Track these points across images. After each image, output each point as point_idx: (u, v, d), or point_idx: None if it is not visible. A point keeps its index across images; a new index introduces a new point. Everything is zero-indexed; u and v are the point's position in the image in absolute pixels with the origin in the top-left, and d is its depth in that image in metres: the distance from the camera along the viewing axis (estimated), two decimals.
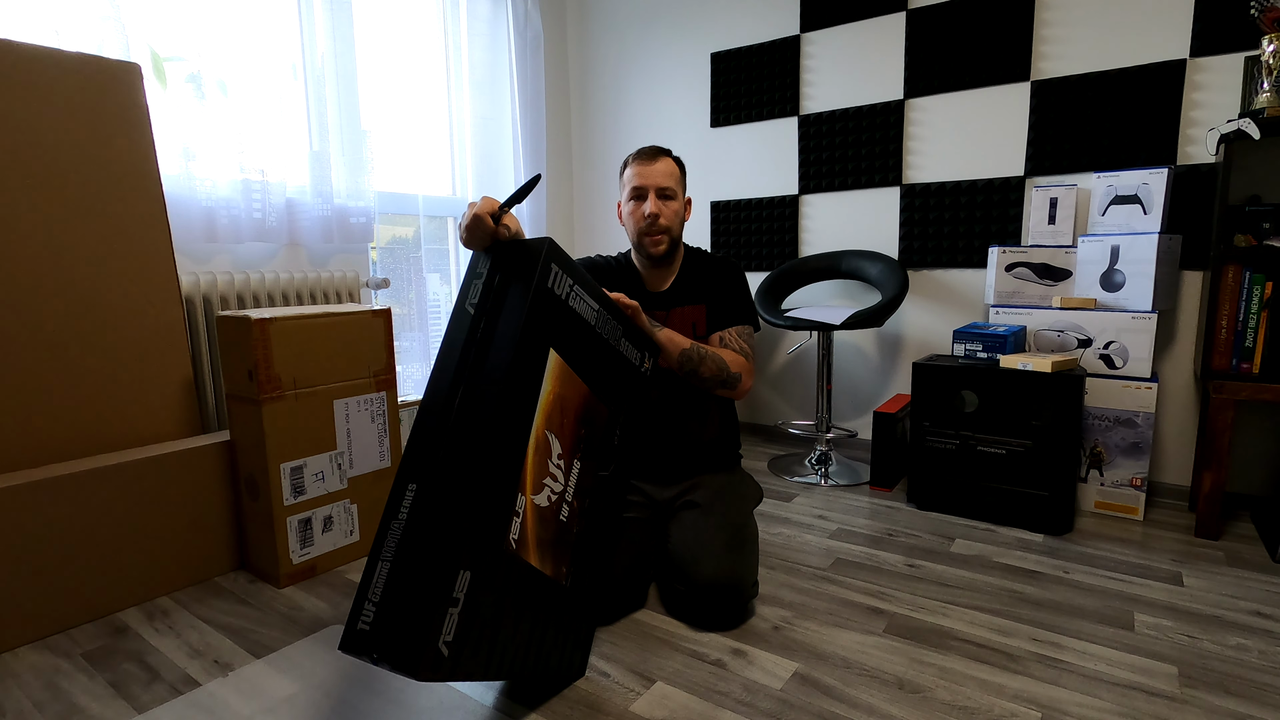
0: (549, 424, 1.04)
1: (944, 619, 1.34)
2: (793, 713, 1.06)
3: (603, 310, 1.15)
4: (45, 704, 1.12)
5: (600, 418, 1.15)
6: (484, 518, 0.88)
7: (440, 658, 0.82)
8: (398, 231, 2.58)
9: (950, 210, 2.26)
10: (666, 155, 1.51)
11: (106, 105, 1.53)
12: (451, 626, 0.84)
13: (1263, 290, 1.65)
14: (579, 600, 1.13)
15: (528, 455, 0.98)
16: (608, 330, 1.16)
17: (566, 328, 1.07)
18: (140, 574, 1.45)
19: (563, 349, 1.06)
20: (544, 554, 1.03)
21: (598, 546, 1.17)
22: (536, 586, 1.02)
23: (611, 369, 1.17)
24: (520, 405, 0.97)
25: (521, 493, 0.97)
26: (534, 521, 1.01)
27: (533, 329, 0.98)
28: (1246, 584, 1.48)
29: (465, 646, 0.87)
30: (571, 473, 1.09)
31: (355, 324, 1.62)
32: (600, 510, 1.16)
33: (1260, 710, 1.06)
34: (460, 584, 0.84)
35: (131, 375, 1.57)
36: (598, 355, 1.14)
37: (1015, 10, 2.08)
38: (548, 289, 1.01)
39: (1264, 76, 1.62)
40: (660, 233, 1.49)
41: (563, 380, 1.07)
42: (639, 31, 2.91)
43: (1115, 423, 1.85)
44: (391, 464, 1.72)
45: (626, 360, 1.21)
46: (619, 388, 1.19)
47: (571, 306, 1.07)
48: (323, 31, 2.13)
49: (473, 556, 0.86)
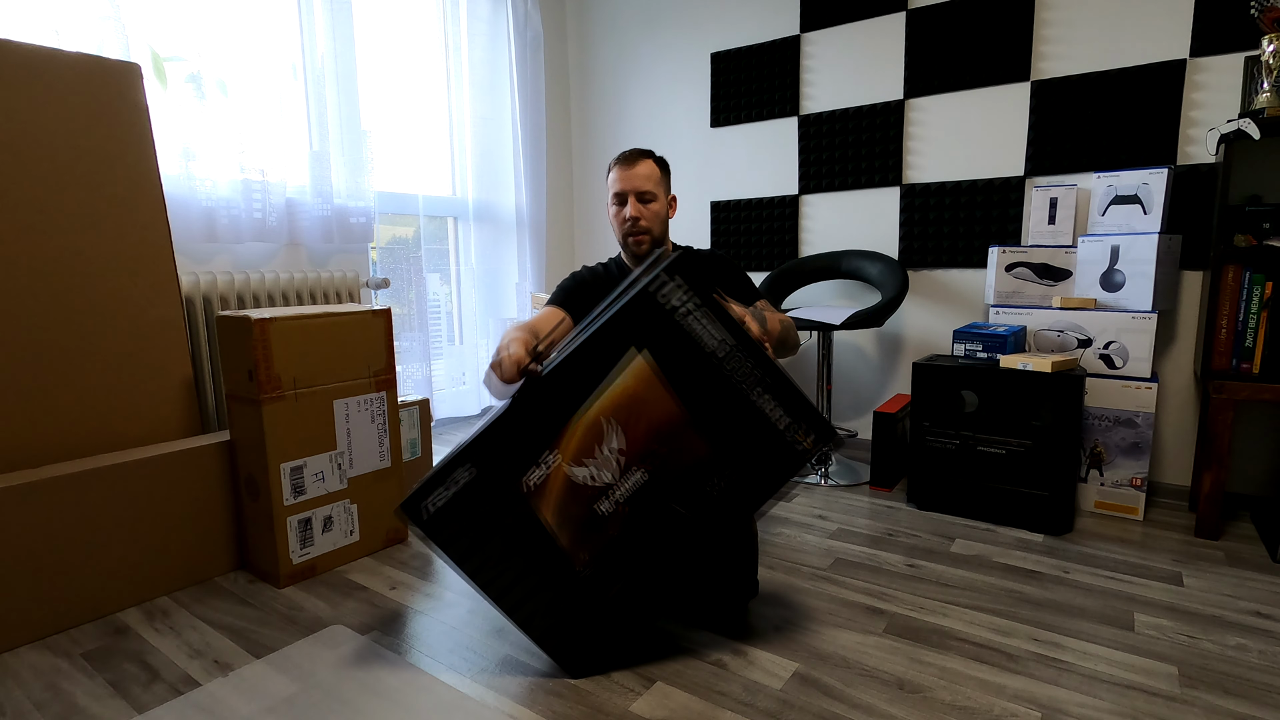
0: (614, 413, 1.08)
1: (944, 619, 1.34)
2: (793, 713, 1.06)
3: (737, 349, 1.09)
4: (45, 704, 1.12)
5: (691, 450, 1.11)
6: (500, 441, 1.09)
7: (423, 514, 1.09)
8: (398, 231, 2.58)
9: (950, 210, 2.26)
10: (647, 158, 1.54)
11: (106, 105, 1.53)
12: (440, 499, 1.09)
13: (1263, 290, 1.65)
14: (588, 596, 1.13)
15: (572, 424, 1.09)
16: (736, 369, 1.10)
17: (666, 339, 1.07)
18: (140, 574, 1.45)
19: (657, 357, 1.07)
20: (562, 523, 1.12)
21: (635, 570, 1.13)
22: (534, 536, 1.12)
23: (732, 413, 1.11)
24: (570, 373, 1.08)
25: (552, 450, 1.09)
26: (561, 487, 1.11)
27: (616, 320, 1.08)
28: (1246, 584, 1.48)
29: (449, 522, 1.10)
30: (629, 475, 1.10)
31: (355, 324, 1.62)
32: (653, 538, 1.13)
33: (1260, 710, 1.06)
34: (460, 474, 1.08)
35: (132, 375, 1.57)
36: (711, 388, 1.10)
37: (1015, 10, 2.08)
38: (651, 294, 1.06)
39: (1264, 76, 1.62)
40: (641, 233, 1.54)
41: (645, 385, 1.08)
42: (639, 31, 2.91)
43: (1115, 423, 1.85)
44: (391, 464, 1.72)
45: (762, 416, 1.11)
46: (738, 439, 1.12)
47: (681, 323, 1.07)
48: (323, 31, 2.13)
49: (477, 460, 1.09)
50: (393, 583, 1.54)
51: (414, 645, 1.28)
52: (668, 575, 1.14)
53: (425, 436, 2.04)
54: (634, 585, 1.14)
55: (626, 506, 1.11)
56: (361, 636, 1.30)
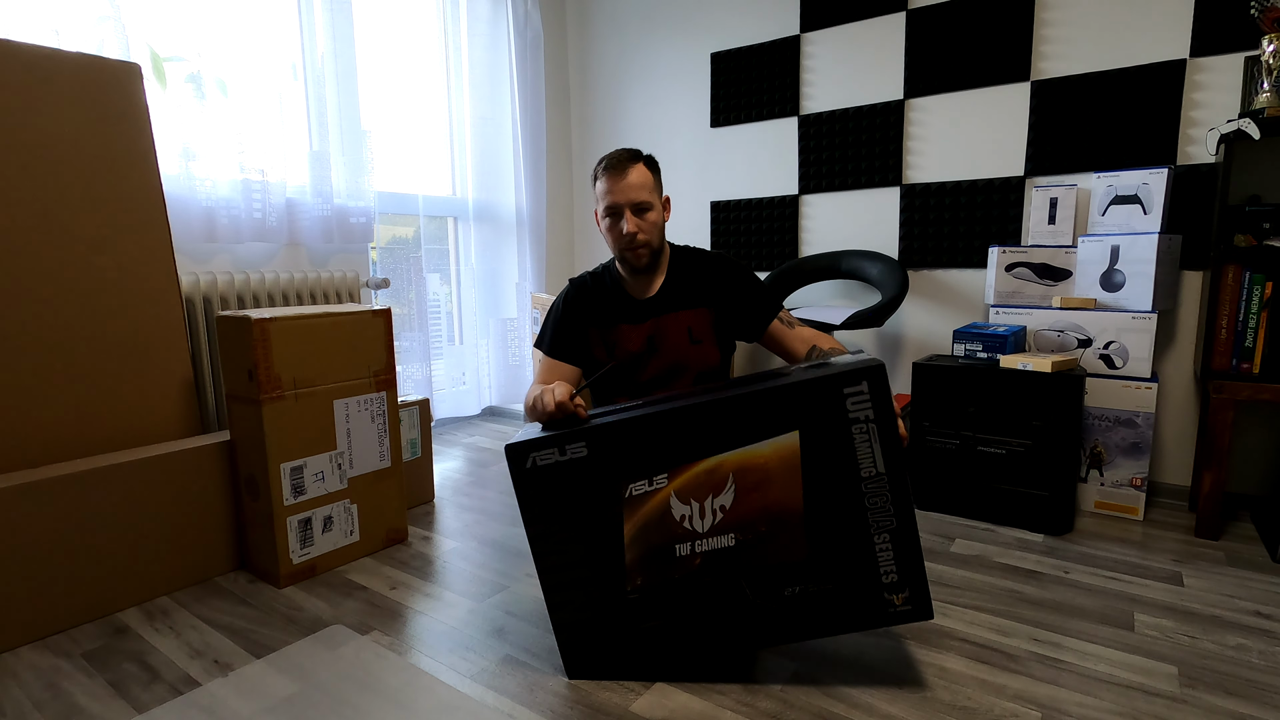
0: (739, 473, 1.06)
1: (944, 619, 1.34)
2: (793, 713, 1.06)
3: (886, 481, 1.04)
4: (45, 704, 1.12)
5: (789, 546, 1.07)
6: (626, 441, 1.08)
7: (527, 462, 1.10)
8: (398, 231, 2.58)
9: (950, 210, 2.26)
10: (637, 162, 1.40)
11: (106, 105, 1.53)
12: (546, 460, 1.09)
13: (1263, 290, 1.65)
14: (624, 617, 1.12)
15: (698, 463, 1.07)
16: (874, 501, 1.05)
17: (827, 438, 1.04)
18: (140, 574, 1.45)
19: (808, 448, 1.04)
20: (636, 542, 1.10)
21: (677, 618, 1.12)
22: (607, 538, 1.11)
23: (847, 539, 1.06)
24: (726, 417, 1.06)
25: (668, 475, 1.08)
26: (654, 511, 1.09)
27: (788, 391, 1.04)
28: (1246, 584, 1.48)
29: (542, 483, 1.10)
30: (719, 535, 1.08)
31: (355, 324, 1.62)
32: (708, 600, 1.10)
33: (1260, 710, 1.06)
34: (576, 448, 1.09)
35: (131, 375, 1.57)
36: (841, 505, 1.05)
37: (1015, 10, 2.08)
38: (839, 390, 1.02)
39: (1264, 76, 1.62)
40: (641, 247, 1.41)
41: (783, 464, 1.05)
42: (639, 31, 2.91)
43: (1115, 423, 1.85)
44: (391, 464, 1.72)
45: (874, 560, 1.06)
46: (839, 566, 1.07)
47: (849, 432, 1.03)
48: (323, 31, 2.13)
49: (596, 445, 1.09)
50: (393, 583, 1.54)
51: (414, 645, 1.28)
52: (703, 637, 1.12)
53: (425, 436, 2.04)
54: (669, 629, 1.13)
55: (700, 560, 1.09)
56: (361, 636, 1.30)
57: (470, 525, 1.87)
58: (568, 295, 1.52)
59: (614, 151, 1.42)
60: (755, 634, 1.11)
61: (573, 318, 1.49)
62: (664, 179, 2.90)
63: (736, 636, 1.11)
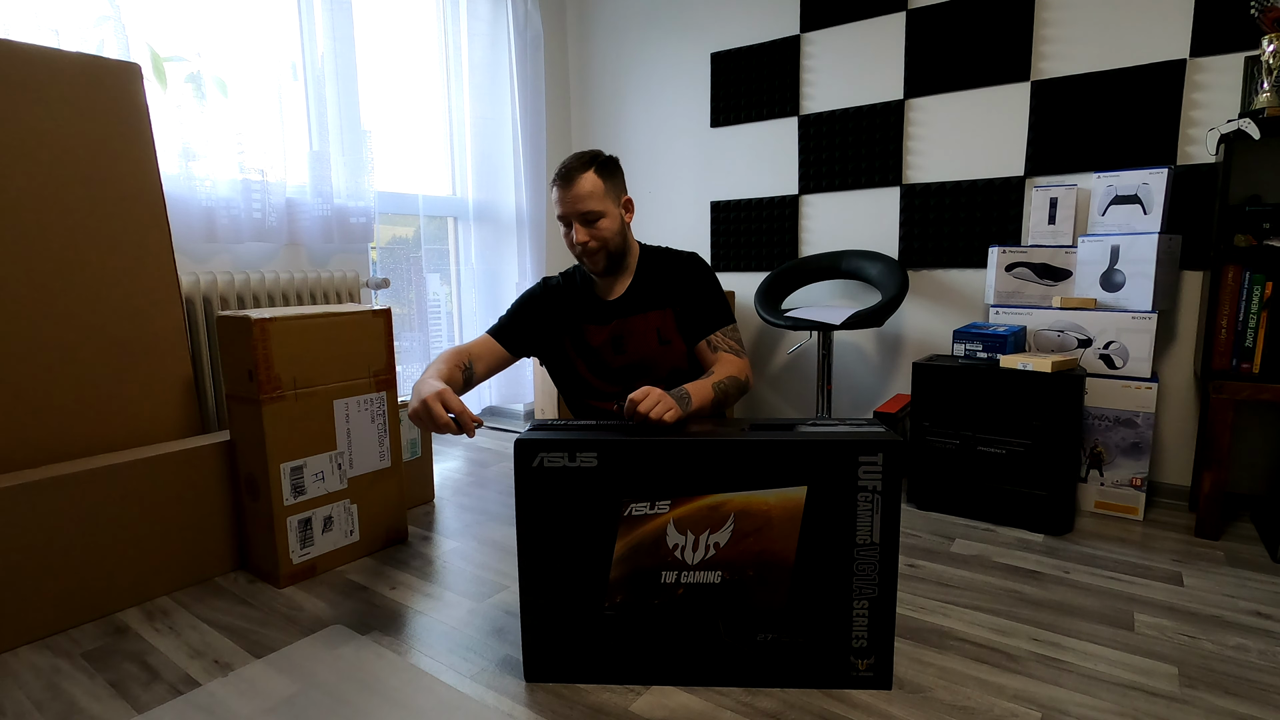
0: (740, 515, 1.07)
1: (944, 619, 1.34)
2: (793, 713, 1.06)
3: (878, 551, 1.06)
4: (45, 704, 1.12)
5: (772, 594, 1.08)
6: (636, 460, 1.08)
7: (534, 460, 1.09)
8: (398, 231, 2.59)
9: (950, 210, 2.26)
10: (586, 170, 1.40)
11: (106, 105, 1.53)
12: (555, 463, 1.08)
13: (1263, 290, 1.65)
14: (595, 631, 1.12)
15: (698, 499, 1.07)
16: (863, 567, 1.07)
17: (833, 500, 1.05)
18: (140, 574, 1.45)
19: (812, 505, 1.05)
20: (624, 560, 1.10)
21: (646, 641, 1.12)
22: (596, 551, 1.10)
23: (828, 599, 1.08)
24: (743, 459, 1.06)
25: (670, 502, 1.08)
26: (649, 534, 1.09)
27: (806, 448, 1.05)
28: (1246, 584, 1.48)
29: (544, 484, 1.09)
30: (707, 570, 1.09)
31: (355, 324, 1.62)
32: (681, 631, 1.11)
33: (1260, 710, 1.06)
34: (586, 456, 1.08)
35: (131, 375, 1.57)
36: (831, 566, 1.07)
37: (1015, 10, 2.08)
38: (854, 456, 1.04)
39: (1264, 76, 1.62)
40: (593, 254, 1.44)
41: (784, 516, 1.06)
42: (639, 31, 2.91)
43: (1115, 423, 1.85)
44: (391, 464, 1.72)
45: (848, 624, 1.09)
46: (813, 622, 1.09)
47: (855, 499, 1.05)
48: (323, 31, 2.13)
49: (606, 457, 1.08)
50: (393, 583, 1.54)
51: (414, 645, 1.28)
52: (669, 665, 1.13)
53: (425, 436, 2.04)
54: (638, 651, 1.13)
55: (683, 591, 1.10)
56: (361, 636, 1.30)
57: (470, 525, 1.87)
58: (533, 293, 1.57)
59: (568, 159, 1.44)
60: (720, 672, 1.13)
61: (529, 314, 1.54)
62: (664, 179, 2.92)
63: (701, 670, 1.13)
